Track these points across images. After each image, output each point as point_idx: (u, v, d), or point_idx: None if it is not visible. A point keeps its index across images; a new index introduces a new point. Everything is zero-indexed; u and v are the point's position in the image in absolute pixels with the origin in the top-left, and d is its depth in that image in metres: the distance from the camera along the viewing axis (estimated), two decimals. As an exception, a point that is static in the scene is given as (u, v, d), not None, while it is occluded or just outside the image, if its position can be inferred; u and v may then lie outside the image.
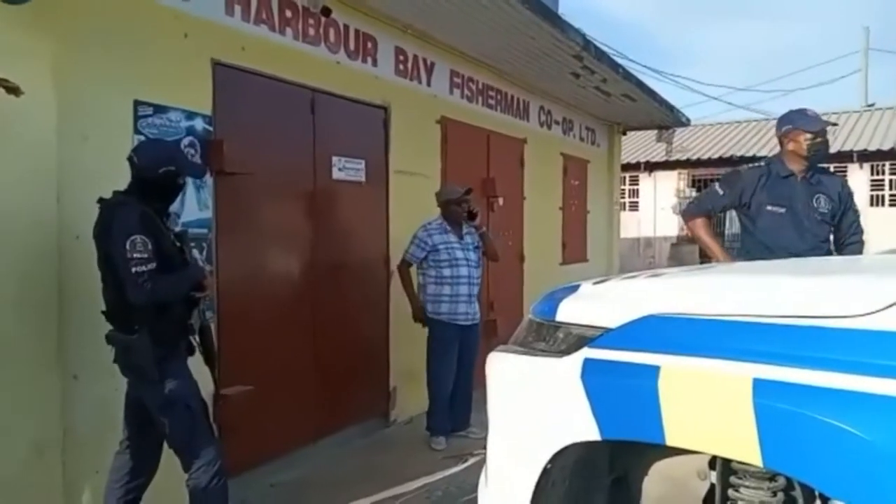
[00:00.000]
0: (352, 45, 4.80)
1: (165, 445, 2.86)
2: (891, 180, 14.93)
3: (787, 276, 2.00)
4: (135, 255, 2.53)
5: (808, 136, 3.58)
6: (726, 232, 16.57)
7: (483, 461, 2.11)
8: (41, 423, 2.89)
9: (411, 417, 5.35)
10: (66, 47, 2.97)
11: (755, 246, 3.64)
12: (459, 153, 6.06)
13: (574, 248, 8.73)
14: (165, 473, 2.94)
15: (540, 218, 7.67)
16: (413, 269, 4.87)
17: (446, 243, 4.75)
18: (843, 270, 2.19)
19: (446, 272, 4.72)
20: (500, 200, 6.64)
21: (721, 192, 3.77)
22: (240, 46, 3.87)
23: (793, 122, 3.65)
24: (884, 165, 14.90)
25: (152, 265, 2.57)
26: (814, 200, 3.63)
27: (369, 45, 4.97)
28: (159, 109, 3.38)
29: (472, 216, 4.89)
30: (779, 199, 3.61)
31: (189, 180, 3.25)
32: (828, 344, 1.41)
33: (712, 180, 17.07)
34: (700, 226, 3.85)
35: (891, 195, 14.89)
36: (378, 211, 5.14)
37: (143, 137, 3.27)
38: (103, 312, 2.73)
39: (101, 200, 2.69)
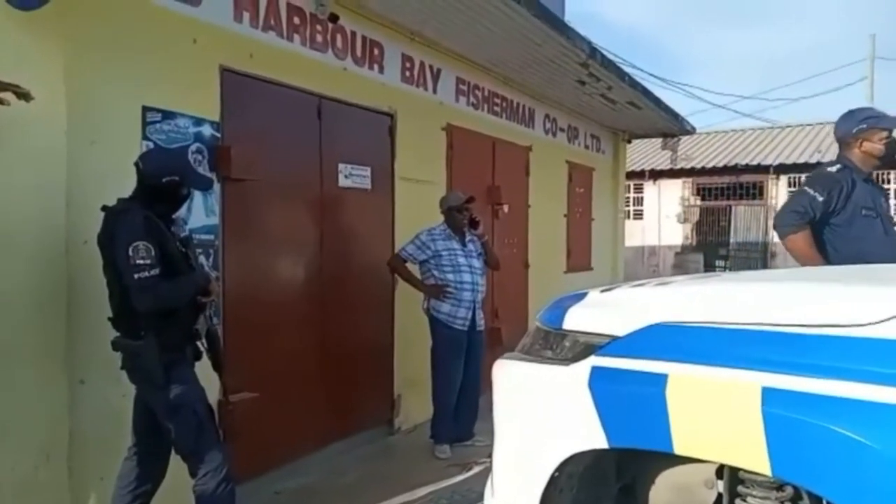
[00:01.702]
0: (359, 52, 4.82)
1: (173, 451, 2.86)
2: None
3: (796, 285, 2.00)
4: (138, 262, 2.54)
5: (885, 134, 3.37)
6: (730, 241, 16.59)
7: (488, 470, 2.11)
8: (48, 428, 2.90)
9: (416, 425, 5.35)
10: (75, 53, 2.99)
11: (852, 255, 3.19)
12: (465, 160, 6.07)
13: (578, 256, 8.72)
14: (173, 479, 2.94)
15: (545, 225, 7.68)
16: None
17: (449, 250, 4.75)
18: (853, 279, 2.18)
19: (450, 277, 4.72)
20: (505, 208, 6.65)
21: (820, 197, 3.31)
22: (248, 53, 3.89)
23: (867, 120, 3.40)
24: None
25: (156, 271, 2.57)
26: (882, 202, 3.45)
27: (376, 51, 5.00)
28: (167, 115, 3.39)
29: (474, 224, 4.89)
30: (868, 203, 3.35)
31: (196, 186, 3.25)
32: (837, 353, 1.40)
33: (717, 189, 16.99)
34: (806, 239, 3.31)
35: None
36: (384, 218, 5.15)
37: (151, 143, 3.29)
38: (110, 319, 2.74)
39: (105, 207, 2.70)
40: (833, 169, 3.47)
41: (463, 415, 4.88)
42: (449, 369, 4.77)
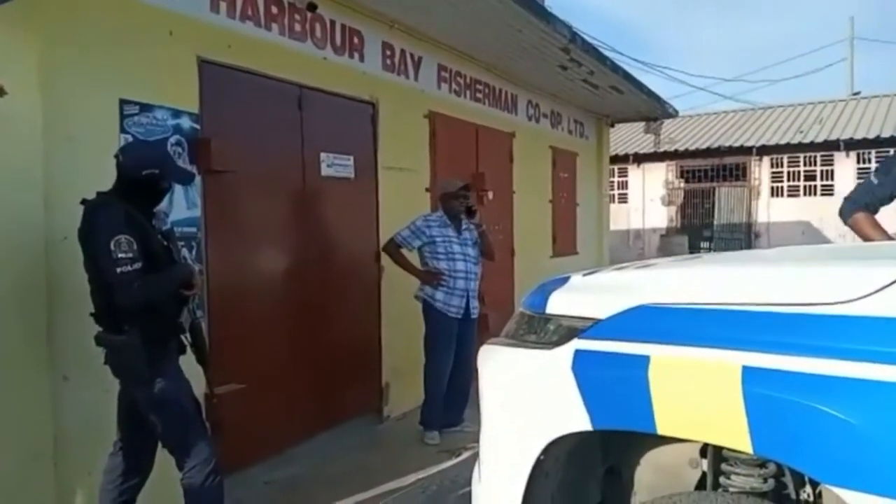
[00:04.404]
0: (338, 41, 4.78)
1: (160, 445, 2.84)
2: (877, 169, 14.97)
3: (774, 265, 2.01)
4: (120, 256, 2.51)
5: None
6: (714, 223, 16.69)
7: (477, 455, 2.12)
8: (32, 425, 2.88)
9: (404, 413, 5.36)
10: (50, 46, 2.95)
11: None
12: (448, 148, 6.05)
13: (564, 241, 8.75)
14: (160, 472, 2.93)
15: (530, 211, 7.69)
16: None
17: (444, 237, 4.74)
18: (828, 258, 2.20)
19: (443, 265, 4.72)
20: (490, 194, 6.63)
21: (876, 181, 3.38)
22: (226, 44, 3.85)
23: None
24: (870, 153, 14.96)
25: (138, 265, 2.55)
26: None
27: (356, 40, 4.96)
28: (145, 108, 3.35)
29: (470, 213, 4.89)
30: None
31: (177, 179, 3.22)
32: (814, 330, 1.42)
33: (700, 171, 17.11)
34: (860, 221, 3.38)
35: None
36: (368, 207, 5.13)
37: (129, 136, 3.25)
38: (92, 314, 2.71)
39: (84, 201, 2.67)
40: None
41: (453, 400, 4.90)
42: (441, 357, 4.77)
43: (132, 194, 2.72)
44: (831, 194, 15.23)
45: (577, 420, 1.69)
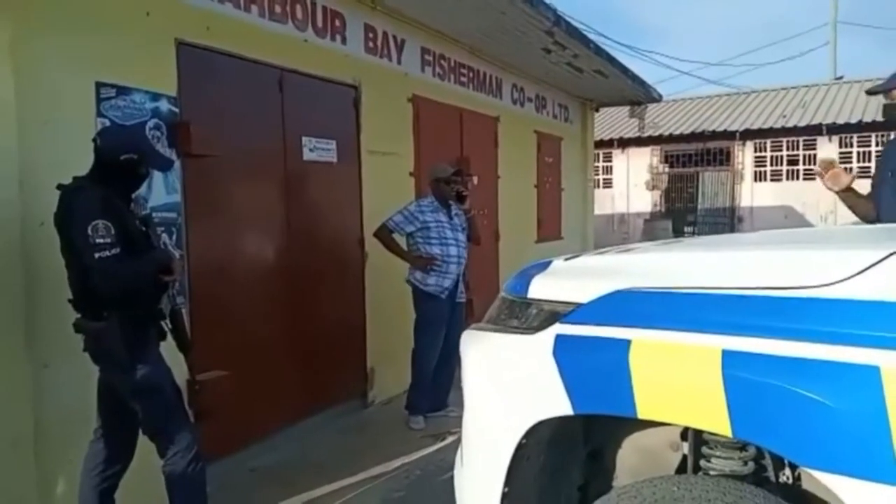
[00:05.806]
0: (320, 23, 4.72)
1: (141, 432, 2.82)
2: (859, 153, 15.14)
3: (754, 248, 2.02)
4: (97, 241, 2.47)
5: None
6: (698, 207, 16.78)
7: (460, 440, 2.11)
8: (12, 414, 2.85)
9: (390, 398, 5.36)
10: (23, 28, 2.89)
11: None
12: (432, 132, 6.02)
13: (549, 226, 8.76)
14: (142, 459, 2.91)
15: (514, 196, 7.68)
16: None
17: (437, 222, 4.73)
18: (809, 241, 2.21)
19: (436, 250, 4.71)
20: (475, 179, 6.62)
21: None
22: (204, 26, 3.78)
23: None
24: (852, 138, 15.09)
25: (116, 250, 2.51)
26: None
27: (337, 22, 4.90)
28: (122, 91, 3.30)
29: (460, 198, 4.87)
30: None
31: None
32: (794, 314, 1.42)
33: (685, 156, 17.19)
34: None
35: (859, 167, 15.10)
36: (351, 191, 5.10)
37: (106, 120, 3.20)
38: (70, 301, 2.67)
39: (60, 186, 2.62)
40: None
41: (439, 384, 4.91)
42: (431, 342, 4.77)
43: (110, 179, 2.67)
44: (813, 178, 15.31)
45: (559, 404, 1.69)
